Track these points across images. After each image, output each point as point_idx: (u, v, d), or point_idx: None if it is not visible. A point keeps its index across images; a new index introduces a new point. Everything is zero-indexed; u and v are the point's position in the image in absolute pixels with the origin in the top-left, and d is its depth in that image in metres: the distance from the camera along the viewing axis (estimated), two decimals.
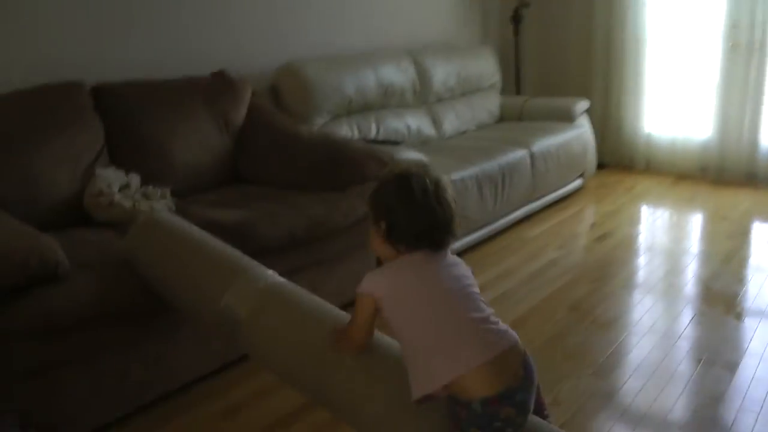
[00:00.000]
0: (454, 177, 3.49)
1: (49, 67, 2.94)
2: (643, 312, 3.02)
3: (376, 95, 4.08)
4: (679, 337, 2.77)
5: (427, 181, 1.49)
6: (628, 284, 3.30)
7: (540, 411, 1.64)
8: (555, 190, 4.49)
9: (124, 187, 2.72)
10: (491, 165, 3.76)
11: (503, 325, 1.47)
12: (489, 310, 1.48)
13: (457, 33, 5.27)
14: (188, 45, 3.50)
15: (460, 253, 3.74)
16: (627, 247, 3.80)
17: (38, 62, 2.93)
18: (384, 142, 3.68)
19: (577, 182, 4.78)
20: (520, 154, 4.01)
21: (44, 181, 2.59)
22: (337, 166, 3.05)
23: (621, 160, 5.47)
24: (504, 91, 5.48)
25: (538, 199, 4.31)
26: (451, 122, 4.62)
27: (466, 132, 4.69)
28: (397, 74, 4.24)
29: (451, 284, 1.48)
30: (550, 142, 4.31)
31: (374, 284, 1.50)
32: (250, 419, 2.30)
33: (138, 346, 2.26)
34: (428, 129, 4.40)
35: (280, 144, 3.24)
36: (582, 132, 4.66)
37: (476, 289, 1.52)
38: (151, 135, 2.97)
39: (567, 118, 4.74)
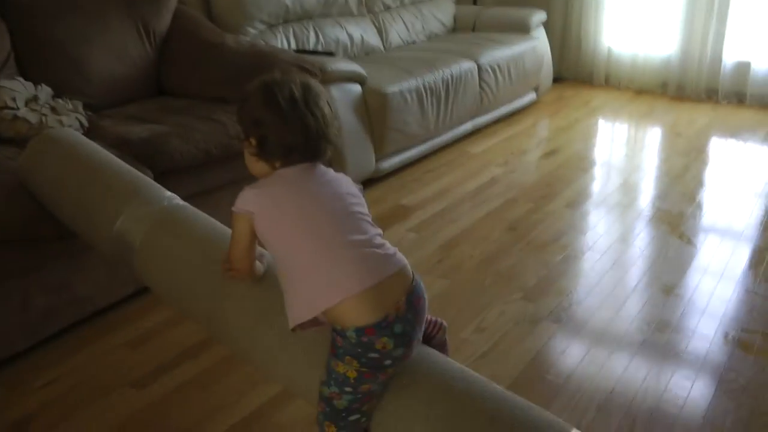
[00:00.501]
0: (392, 89, 3.30)
1: None
2: (584, 232, 2.91)
3: (315, 3, 3.83)
4: (618, 259, 2.67)
5: (295, 88, 1.33)
6: (571, 203, 3.18)
7: (441, 349, 1.52)
8: (505, 104, 4.31)
9: (31, 100, 2.49)
10: (434, 77, 3.56)
11: (389, 248, 1.32)
12: (374, 231, 1.33)
13: None
14: None
15: (399, 169, 3.59)
16: (575, 164, 3.66)
17: None
18: (316, 52, 3.45)
19: (531, 96, 4.60)
20: (466, 65, 3.80)
21: None
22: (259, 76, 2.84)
23: (579, 74, 5.29)
24: (460, 1, 5.21)
25: (486, 113, 4.13)
26: (398, 32, 4.37)
27: (414, 43, 4.46)
28: None
29: (331, 202, 1.33)
30: (500, 54, 4.10)
31: (247, 201, 1.34)
32: (160, 349, 2.17)
33: (39, 273, 2.09)
34: (373, 39, 4.17)
35: (204, 54, 3.01)
36: (536, 44, 4.44)
37: (362, 209, 1.36)
38: (63, 43, 2.72)
39: (522, 29, 4.51)
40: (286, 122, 1.32)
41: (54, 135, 2.04)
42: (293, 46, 3.67)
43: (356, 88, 3.23)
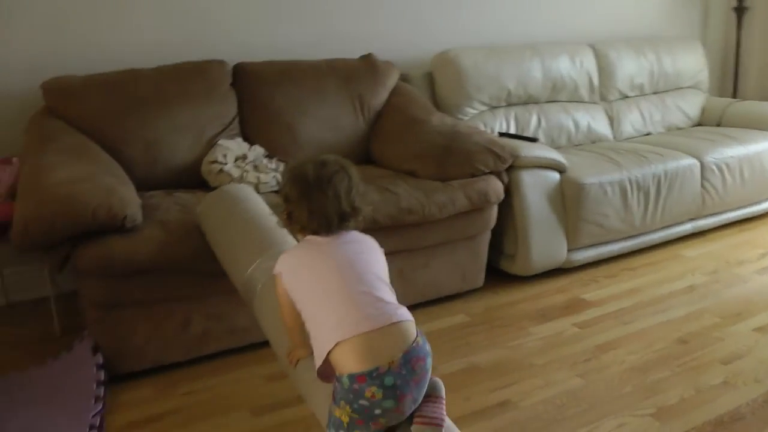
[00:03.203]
0: (590, 180, 3.27)
1: (203, 50, 3.30)
2: (762, 361, 2.62)
3: (542, 88, 3.93)
4: None
5: (316, 172, 1.54)
6: (762, 328, 2.86)
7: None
8: (736, 208, 3.98)
9: (240, 158, 2.96)
10: (643, 171, 3.45)
11: (393, 304, 1.47)
12: (380, 286, 1.49)
13: (665, 24, 4.86)
14: (342, 29, 3.70)
15: (595, 263, 3.52)
16: None
17: (196, 44, 3.31)
18: (519, 137, 3.54)
19: None
20: (685, 162, 3.61)
21: (166, 146, 2.93)
22: (449, 155, 3.03)
23: None
24: (721, 92, 4.94)
25: (709, 215, 3.86)
26: (632, 123, 4.29)
27: (649, 134, 4.32)
28: (570, 67, 4.03)
29: (342, 260, 1.52)
30: (731, 152, 3.82)
31: (279, 263, 1.60)
32: (288, 387, 2.36)
33: (201, 301, 2.50)
34: (602, 128, 4.14)
35: (408, 129, 3.28)
36: None
37: (374, 267, 1.54)
38: (281, 111, 3.19)
39: None
40: (304, 204, 1.54)
41: (228, 189, 2.43)
42: (512, 128, 3.82)
43: (553, 175, 3.27)
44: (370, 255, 1.57)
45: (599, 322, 2.93)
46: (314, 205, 1.53)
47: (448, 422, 1.50)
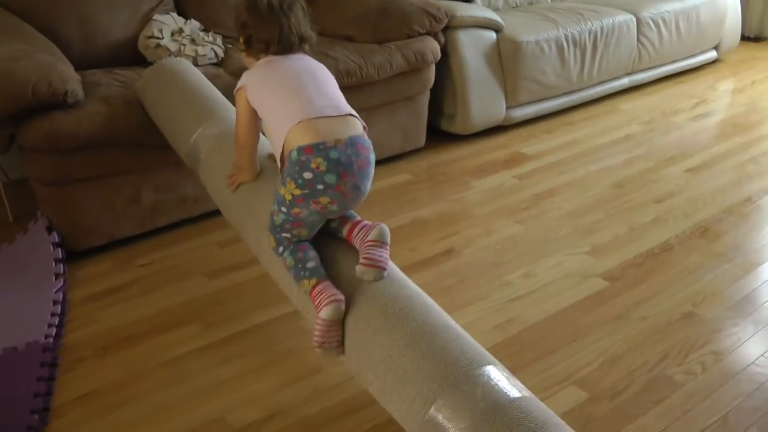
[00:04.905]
0: (527, 38, 3.31)
1: None
2: (691, 198, 2.79)
3: None
4: (708, 230, 2.56)
5: (279, 1, 1.67)
6: (694, 168, 3.03)
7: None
8: (672, 62, 4.09)
9: (177, 32, 2.92)
10: (578, 29, 3.49)
11: (347, 105, 1.61)
12: (337, 90, 1.65)
13: None
14: None
15: (535, 119, 3.62)
16: (721, 129, 3.44)
17: None
18: None
19: (709, 55, 4.30)
20: (621, 18, 3.66)
21: (102, 23, 2.85)
22: (385, 17, 3.03)
23: None
24: None
25: (645, 69, 3.96)
26: None
27: None
28: None
29: (304, 68, 1.68)
30: (666, 7, 3.87)
31: (243, 79, 1.70)
32: (240, 251, 2.49)
33: (150, 173, 2.52)
34: None
35: None
36: None
37: (328, 79, 1.69)
38: None
39: None
40: (263, 24, 1.67)
41: (164, 63, 2.41)
42: None
43: (490, 35, 3.30)
44: (327, 72, 1.72)
45: (538, 173, 3.05)
46: (282, 26, 1.66)
47: (391, 265, 1.59)
